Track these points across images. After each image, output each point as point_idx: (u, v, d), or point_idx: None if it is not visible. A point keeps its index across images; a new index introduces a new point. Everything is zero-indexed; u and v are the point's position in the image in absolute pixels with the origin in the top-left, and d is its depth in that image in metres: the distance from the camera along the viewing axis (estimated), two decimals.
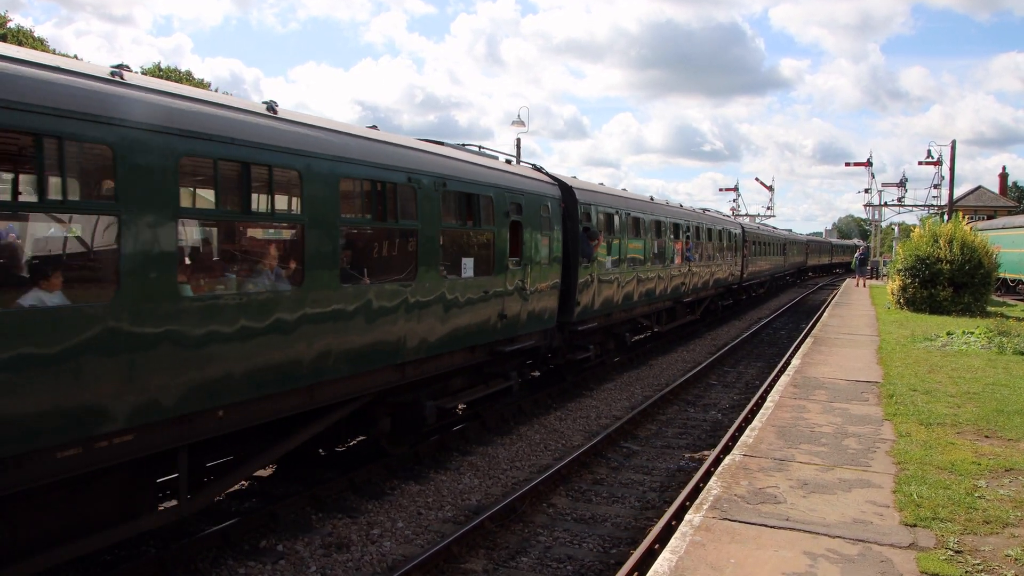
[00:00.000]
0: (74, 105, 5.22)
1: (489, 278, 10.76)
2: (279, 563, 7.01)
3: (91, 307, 5.47)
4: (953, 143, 41.71)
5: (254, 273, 7.29)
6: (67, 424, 5.20)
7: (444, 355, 9.84)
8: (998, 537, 6.23)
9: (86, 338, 5.29)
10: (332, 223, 7.54)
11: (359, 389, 8.27)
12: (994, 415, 10.45)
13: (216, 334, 6.28)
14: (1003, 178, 71.90)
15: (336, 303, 7.63)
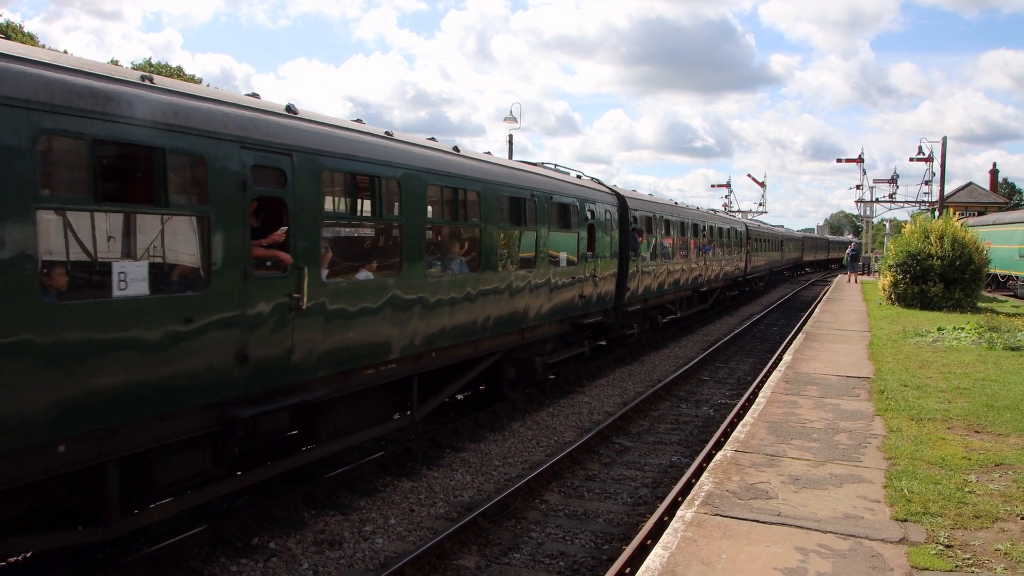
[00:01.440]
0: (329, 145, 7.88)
1: (574, 267, 14.09)
2: (271, 560, 6.99)
3: (385, 280, 8.71)
4: (944, 140, 41.88)
5: (455, 261, 10.54)
6: (373, 352, 8.44)
7: (546, 324, 13.18)
8: (988, 531, 6.26)
9: (384, 299, 8.60)
10: (499, 229, 11.31)
11: (499, 346, 11.66)
12: (984, 410, 10.51)
13: (440, 300, 9.65)
14: (994, 174, 72.23)
15: (495, 283, 11.09)
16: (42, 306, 5.11)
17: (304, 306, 7.24)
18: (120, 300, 5.66)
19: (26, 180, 4.96)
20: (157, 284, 6.19)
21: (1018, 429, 9.54)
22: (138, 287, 5.80)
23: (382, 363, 8.68)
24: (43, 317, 5.11)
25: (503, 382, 12.51)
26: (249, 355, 6.73)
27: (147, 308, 5.85)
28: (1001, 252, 36.51)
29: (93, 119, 5.43)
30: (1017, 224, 37.14)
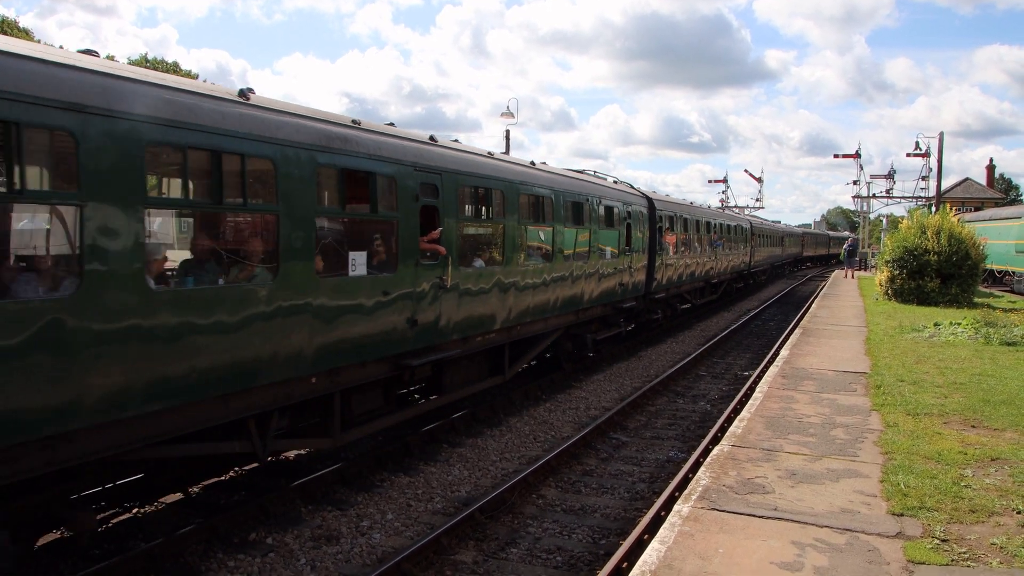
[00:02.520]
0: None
1: (616, 260, 16.62)
2: (268, 556, 7.00)
3: (493, 268, 11.24)
4: (941, 135, 41.85)
5: (536, 254, 13.07)
6: (483, 323, 10.91)
7: (595, 307, 15.76)
8: (984, 526, 6.28)
9: (493, 283, 11.04)
10: (565, 227, 13.93)
11: (561, 324, 14.21)
12: (980, 405, 10.53)
13: (527, 284, 12.20)
14: (990, 170, 72.38)
15: (562, 272, 13.65)
16: (315, 280, 7.63)
17: (447, 286, 9.84)
18: (352, 278, 8.21)
19: (311, 199, 7.61)
20: (370, 267, 8.54)
21: (1014, 424, 9.56)
22: (361, 269, 8.36)
23: (488, 332, 11.34)
24: (315, 287, 7.60)
25: (561, 354, 15.27)
26: (417, 320, 9.30)
27: (365, 284, 8.38)
28: (998, 247, 36.56)
29: (341, 154, 7.99)
30: (1013, 219, 37.19)
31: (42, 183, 6.23)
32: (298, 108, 7.93)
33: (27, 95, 5.05)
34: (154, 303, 5.97)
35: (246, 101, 7.11)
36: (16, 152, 5.11)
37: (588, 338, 15.41)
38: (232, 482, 8.83)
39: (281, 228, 7.20)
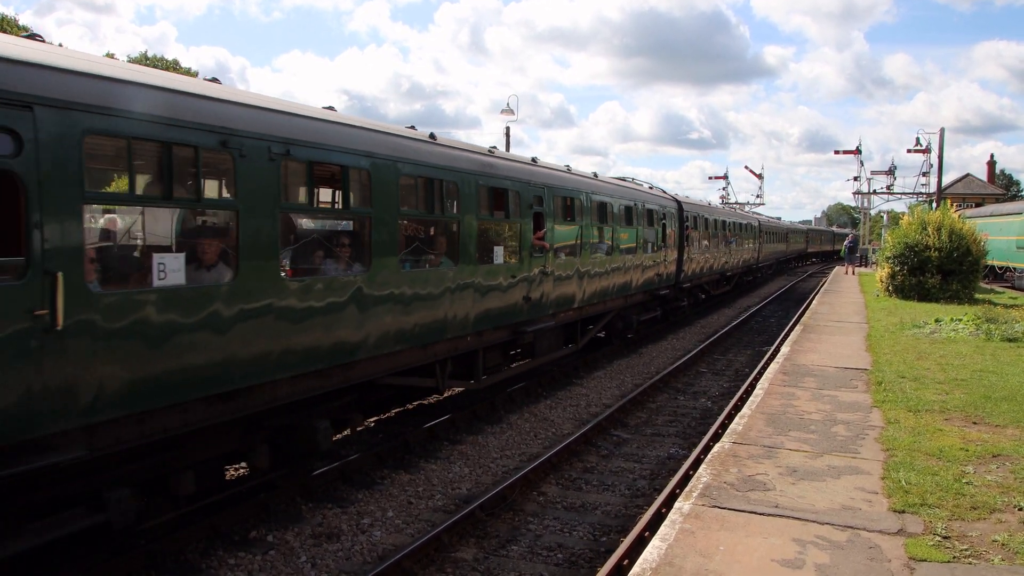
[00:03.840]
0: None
1: (655, 254, 19.92)
2: (269, 554, 6.99)
3: (573, 259, 14.28)
4: (942, 131, 41.81)
5: (600, 249, 15.95)
6: (568, 302, 13.92)
7: (639, 294, 18.83)
8: (985, 523, 6.27)
9: (574, 271, 14.13)
10: (620, 227, 17.19)
11: (614, 307, 17.19)
12: (982, 401, 10.51)
13: (595, 272, 15.28)
14: (991, 166, 72.30)
15: (618, 263, 16.81)
16: (477, 266, 10.64)
17: (548, 272, 13.05)
18: (495, 265, 11.33)
19: (475, 209, 10.69)
20: (505, 258, 11.68)
21: (1015, 420, 9.55)
22: (500, 258, 11.56)
23: (569, 309, 14.33)
24: (476, 271, 10.65)
25: (612, 332, 18.05)
26: (530, 298, 12.41)
27: (502, 269, 11.52)
28: (998, 243, 36.52)
29: (490, 176, 11.22)
30: (1014, 215, 37.16)
31: (205, 192, 6.94)
32: (461, 144, 11.17)
33: (202, 124, 6.31)
34: (403, 280, 9.02)
35: (435, 141, 10.18)
36: (193, 170, 6.33)
37: (633, 319, 18.84)
38: (233, 479, 8.82)
39: (461, 228, 10.42)
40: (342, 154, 7.95)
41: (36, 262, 5.12)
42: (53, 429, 5.29)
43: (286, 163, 7.25)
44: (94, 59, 6.14)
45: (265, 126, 6.99)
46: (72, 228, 5.36)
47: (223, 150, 6.55)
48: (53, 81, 5.32)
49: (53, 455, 5.32)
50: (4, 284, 5.00)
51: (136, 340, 5.81)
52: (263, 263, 6.90)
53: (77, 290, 5.36)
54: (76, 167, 5.38)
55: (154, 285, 6.03)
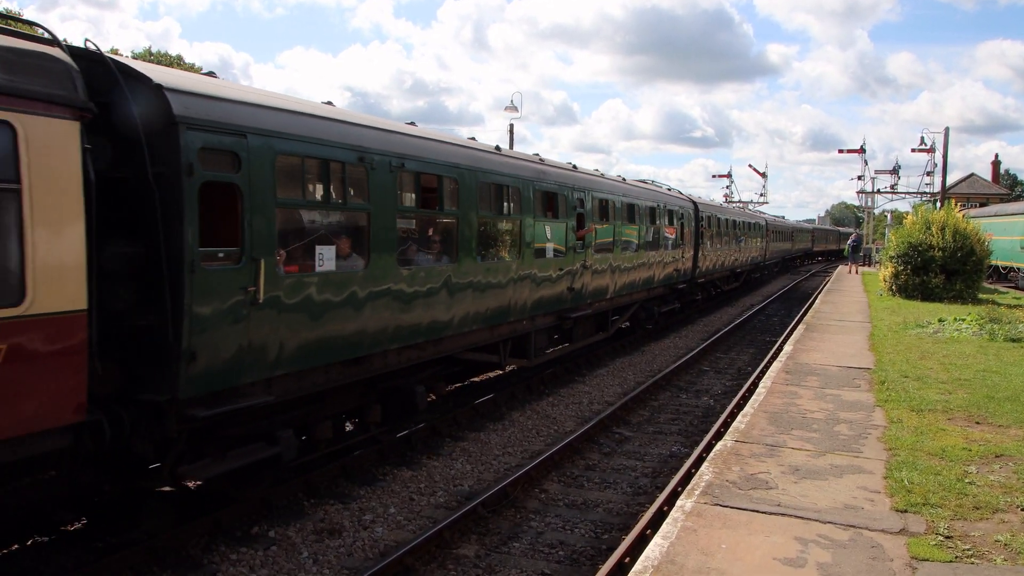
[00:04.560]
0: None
1: (673, 251, 21.47)
2: (271, 549, 7.00)
3: (607, 254, 16.04)
4: (946, 131, 41.76)
5: (629, 246, 17.70)
6: (602, 292, 15.81)
7: (660, 287, 20.75)
8: (988, 522, 6.26)
9: (607, 265, 16.01)
10: (646, 225, 19.06)
11: (639, 298, 19.12)
12: (985, 401, 10.49)
13: (625, 267, 17.00)
14: (995, 166, 72.08)
15: (643, 259, 18.56)
16: (534, 259, 12.44)
17: (587, 266, 14.80)
18: (548, 259, 13.07)
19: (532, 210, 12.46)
20: (555, 252, 13.40)
21: (1019, 420, 9.53)
22: (551, 253, 13.24)
23: (603, 300, 16.07)
24: (533, 263, 12.45)
25: (635, 322, 19.57)
26: (573, 288, 14.14)
27: (553, 263, 13.24)
28: (1002, 244, 36.44)
29: (542, 182, 13.02)
30: (1018, 215, 37.07)
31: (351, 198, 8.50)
32: (519, 154, 13.50)
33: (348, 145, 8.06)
34: (479, 270, 10.76)
35: (500, 152, 12.21)
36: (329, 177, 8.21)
37: (655, 310, 20.48)
38: (232, 475, 8.83)
39: (522, 227, 12.17)
40: (438, 166, 9.78)
41: (247, 251, 6.77)
42: (249, 380, 6.93)
43: (400, 174, 8.99)
44: (280, 96, 8.14)
45: (387, 145, 8.75)
46: (269, 225, 6.98)
47: (359, 164, 8.21)
48: (258, 115, 7.03)
49: (250, 400, 6.91)
50: (228, 267, 6.64)
51: (303, 313, 7.43)
52: (386, 254, 8.63)
53: (272, 272, 6.99)
54: (271, 179, 7.01)
55: (316, 270, 7.72)
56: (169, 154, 6.19)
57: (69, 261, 5.42)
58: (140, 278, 6.20)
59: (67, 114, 5.41)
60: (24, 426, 5.23)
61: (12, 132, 5.09)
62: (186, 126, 6.24)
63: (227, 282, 6.59)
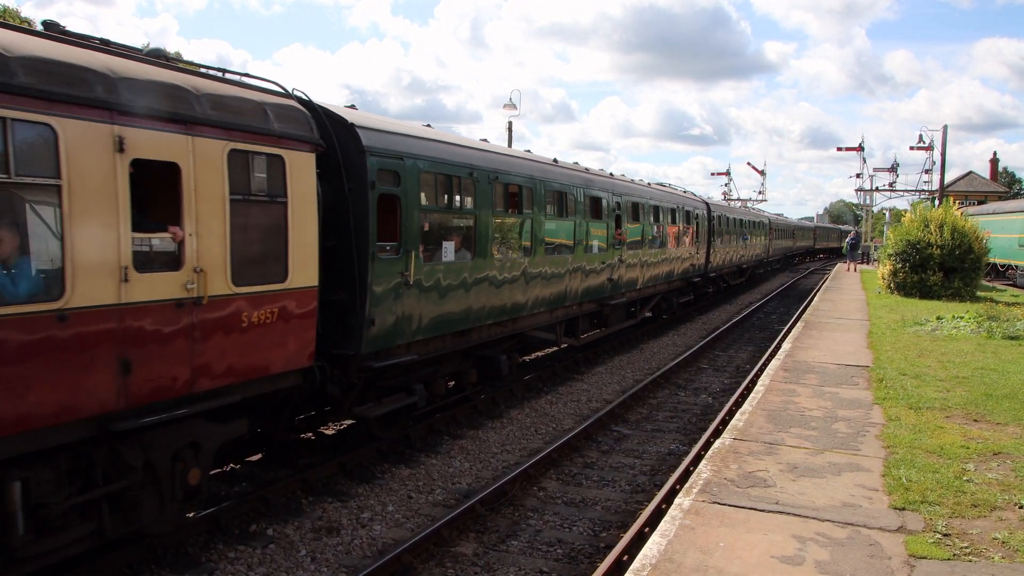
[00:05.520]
0: None
1: (689, 248, 23.77)
2: (269, 547, 6.99)
3: (639, 250, 18.58)
4: (945, 128, 41.70)
5: (654, 243, 19.91)
6: (633, 284, 18.23)
7: (678, 280, 22.79)
8: (986, 520, 6.26)
9: (639, 259, 18.53)
10: (668, 223, 21.23)
11: (661, 290, 21.16)
12: (983, 399, 10.50)
13: (652, 262, 19.65)
14: (994, 163, 72.10)
15: (666, 255, 20.95)
16: (584, 254, 14.80)
17: (623, 260, 17.11)
18: (594, 254, 15.28)
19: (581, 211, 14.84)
20: (599, 248, 15.59)
21: (1016, 418, 9.54)
22: (596, 250, 15.44)
23: (633, 290, 18.20)
24: (583, 257, 14.78)
25: (656, 312, 21.73)
26: (612, 279, 16.51)
27: (597, 257, 15.43)
28: (1001, 241, 36.46)
29: (589, 188, 15.40)
30: (1017, 213, 37.08)
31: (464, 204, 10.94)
32: (572, 165, 15.74)
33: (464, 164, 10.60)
34: (546, 262, 13.05)
35: (557, 164, 14.53)
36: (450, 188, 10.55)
37: (674, 301, 22.85)
38: (233, 473, 8.84)
39: (576, 226, 14.46)
40: (519, 177, 12.23)
41: (403, 245, 9.04)
42: (400, 343, 9.14)
43: (495, 184, 11.35)
44: (419, 127, 10.76)
45: (486, 162, 11.21)
46: (416, 225, 9.30)
47: (469, 178, 10.68)
48: (409, 143, 9.36)
49: (400, 358, 9.12)
50: (391, 257, 8.85)
51: (434, 292, 9.76)
52: (486, 248, 11.04)
53: (417, 261, 9.27)
54: (417, 191, 9.35)
55: (442, 260, 10.04)
56: (359, 174, 8.38)
57: (310, 250, 7.55)
58: (336, 264, 8.23)
59: (308, 148, 7.54)
60: (282, 365, 7.30)
61: (282, 163, 7.20)
62: (370, 153, 8.45)
63: (391, 268, 8.84)
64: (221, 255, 6.54)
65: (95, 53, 5.87)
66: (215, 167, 6.48)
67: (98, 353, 5.52)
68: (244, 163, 6.85)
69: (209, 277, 6.40)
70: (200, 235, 6.35)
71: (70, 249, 5.30)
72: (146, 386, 5.91)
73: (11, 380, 5.00)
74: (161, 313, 6.00)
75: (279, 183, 7.17)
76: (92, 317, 5.45)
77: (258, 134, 6.92)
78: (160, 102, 6.01)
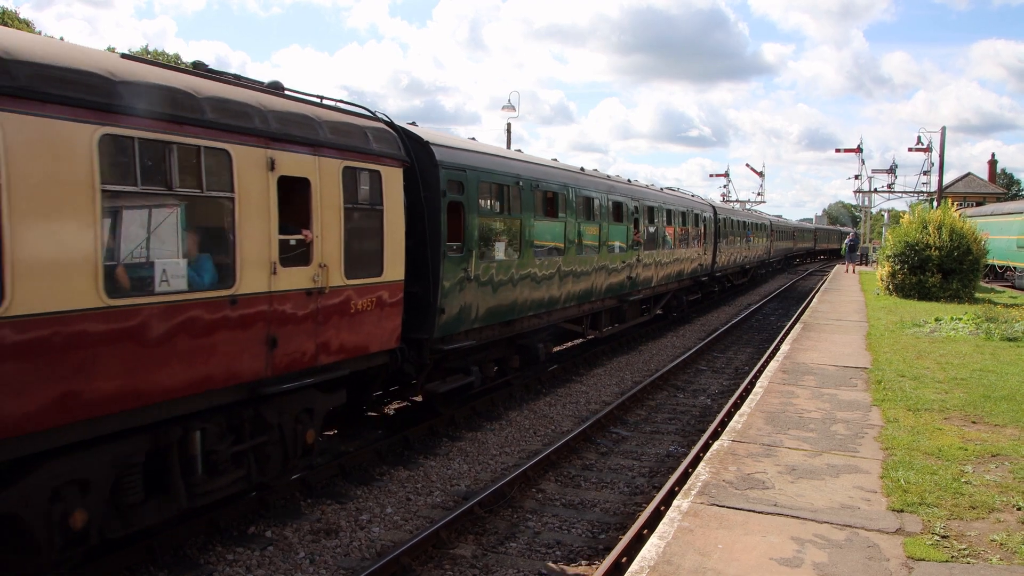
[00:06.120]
0: None
1: (697, 248, 25.08)
2: (267, 549, 6.99)
3: (655, 251, 20.08)
4: (943, 130, 41.72)
5: (667, 245, 21.53)
6: (649, 282, 19.66)
7: (687, 279, 24.14)
8: (984, 522, 6.27)
9: (655, 260, 20.02)
10: (679, 226, 22.75)
11: (672, 288, 22.44)
12: (981, 401, 10.51)
13: (664, 262, 20.96)
14: (992, 165, 72.14)
15: (677, 256, 22.30)
16: (607, 254, 16.13)
17: (640, 260, 18.31)
18: (616, 253, 16.68)
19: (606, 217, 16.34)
20: (620, 248, 17.06)
21: (1015, 420, 9.55)
22: (617, 250, 16.89)
23: (648, 288, 19.52)
24: (606, 258, 16.06)
25: (667, 309, 22.74)
26: (630, 277, 17.72)
27: (618, 256, 16.77)
28: (999, 243, 36.50)
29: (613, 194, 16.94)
30: (1015, 215, 37.12)
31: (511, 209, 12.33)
32: (597, 173, 17.14)
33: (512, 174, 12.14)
34: (577, 261, 14.47)
35: (584, 172, 16.01)
36: (501, 195, 12.09)
37: (683, 299, 24.18)
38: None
39: (601, 228, 15.84)
40: (555, 184, 13.74)
41: (466, 244, 10.53)
42: (461, 330, 10.61)
43: (535, 192, 12.80)
44: (476, 142, 12.50)
45: (529, 172, 12.77)
46: (475, 228, 10.77)
47: (516, 186, 12.17)
48: (470, 157, 10.90)
49: (462, 343, 10.57)
50: (457, 255, 10.32)
51: (488, 287, 11.17)
52: (529, 247, 12.48)
53: (476, 259, 10.76)
54: (476, 198, 10.94)
55: (495, 259, 11.46)
56: (433, 184, 9.81)
57: (399, 249, 8.98)
58: (413, 261, 9.44)
59: (397, 164, 8.95)
60: (377, 345, 8.73)
61: (379, 176, 8.63)
62: (441, 166, 9.91)
63: (456, 265, 10.28)
64: (337, 253, 7.96)
65: (252, 91, 7.25)
66: (334, 181, 7.91)
67: (255, 331, 6.92)
68: (353, 177, 8.28)
69: (329, 271, 7.83)
70: (323, 237, 7.75)
71: (240, 248, 6.69)
72: (285, 359, 7.27)
73: (198, 350, 6.30)
74: (296, 299, 7.42)
75: (377, 193, 8.64)
76: (252, 302, 6.87)
77: (362, 153, 8.35)
78: (297, 129, 7.42)
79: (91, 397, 5.46)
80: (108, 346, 5.55)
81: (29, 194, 4.98)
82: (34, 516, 5.31)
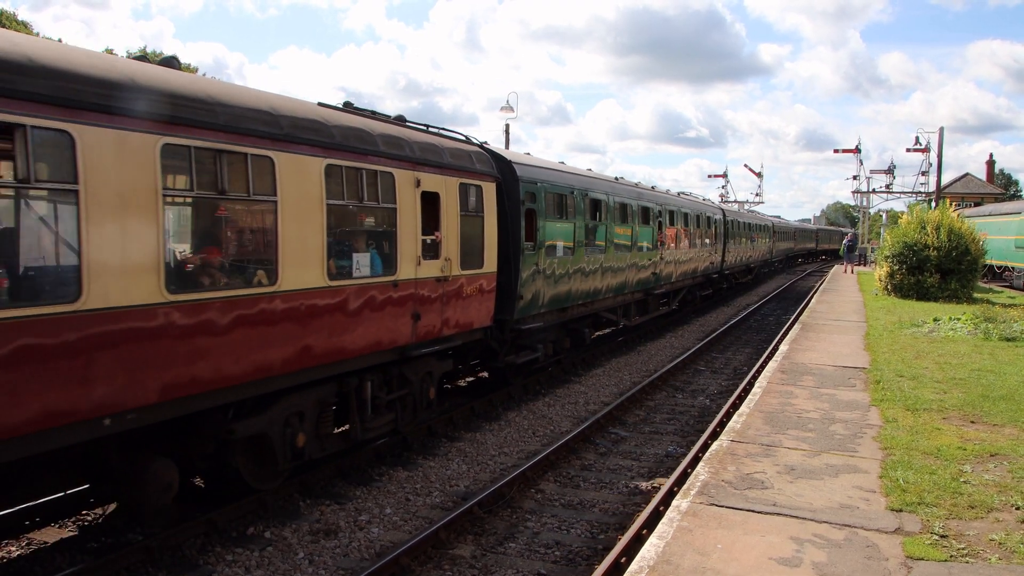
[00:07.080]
0: None
1: (710, 248, 27.62)
2: (267, 550, 6.99)
3: (676, 251, 22.95)
4: (941, 130, 41.77)
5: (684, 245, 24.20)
6: (670, 278, 22.34)
7: (700, 276, 26.57)
8: (983, 522, 6.27)
9: (674, 259, 22.59)
10: (695, 227, 25.56)
11: (688, 284, 25.15)
12: (980, 400, 10.52)
13: (683, 260, 23.76)
14: (990, 165, 72.26)
15: (693, 254, 25.27)
16: (638, 253, 18.87)
17: (663, 258, 20.73)
18: (643, 252, 19.25)
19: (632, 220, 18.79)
20: (647, 248, 19.51)
21: (1013, 419, 9.56)
22: (645, 249, 19.44)
23: (668, 283, 21.76)
24: (637, 257, 18.81)
25: (683, 302, 24.85)
26: (655, 273, 20.27)
27: (645, 255, 19.38)
28: (997, 243, 36.54)
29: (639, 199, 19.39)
30: (1013, 215, 37.17)
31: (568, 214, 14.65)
32: (629, 181, 19.77)
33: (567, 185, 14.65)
34: (615, 258, 16.97)
35: (617, 181, 18.48)
36: (560, 203, 14.20)
37: (697, 294, 26.45)
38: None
39: (632, 231, 18.01)
40: (598, 193, 16.12)
41: (537, 243, 12.89)
42: (532, 313, 12.88)
43: (585, 199, 15.24)
44: (543, 159, 15.32)
45: (580, 182, 15.36)
46: (544, 230, 13.11)
47: (571, 195, 14.59)
48: (540, 172, 13.47)
49: (533, 324, 12.92)
50: (531, 252, 12.60)
51: (551, 279, 13.51)
52: (582, 247, 14.96)
53: (544, 255, 13.17)
54: (544, 206, 13.20)
55: (556, 256, 13.73)
56: (515, 195, 12.25)
57: (494, 247, 11.48)
58: (501, 256, 11.71)
59: (491, 180, 11.49)
60: (479, 323, 11.20)
61: (481, 190, 11.13)
62: (522, 181, 12.41)
63: (531, 259, 12.62)
64: (456, 250, 10.40)
65: (401, 127, 9.80)
66: (454, 194, 10.36)
67: (407, 307, 9.26)
68: (465, 191, 10.69)
69: (452, 263, 10.26)
70: (447, 237, 10.17)
71: (400, 245, 9.07)
72: (423, 330, 9.65)
73: (373, 320, 8.59)
74: (431, 285, 9.81)
75: (479, 203, 11.12)
76: (407, 285, 9.26)
77: (470, 172, 10.85)
78: (432, 155, 9.83)
79: (315, 352, 7.67)
80: (329, 314, 7.83)
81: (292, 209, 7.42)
82: (276, 435, 7.59)
